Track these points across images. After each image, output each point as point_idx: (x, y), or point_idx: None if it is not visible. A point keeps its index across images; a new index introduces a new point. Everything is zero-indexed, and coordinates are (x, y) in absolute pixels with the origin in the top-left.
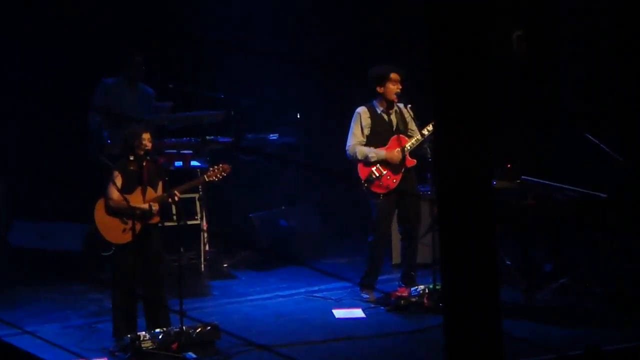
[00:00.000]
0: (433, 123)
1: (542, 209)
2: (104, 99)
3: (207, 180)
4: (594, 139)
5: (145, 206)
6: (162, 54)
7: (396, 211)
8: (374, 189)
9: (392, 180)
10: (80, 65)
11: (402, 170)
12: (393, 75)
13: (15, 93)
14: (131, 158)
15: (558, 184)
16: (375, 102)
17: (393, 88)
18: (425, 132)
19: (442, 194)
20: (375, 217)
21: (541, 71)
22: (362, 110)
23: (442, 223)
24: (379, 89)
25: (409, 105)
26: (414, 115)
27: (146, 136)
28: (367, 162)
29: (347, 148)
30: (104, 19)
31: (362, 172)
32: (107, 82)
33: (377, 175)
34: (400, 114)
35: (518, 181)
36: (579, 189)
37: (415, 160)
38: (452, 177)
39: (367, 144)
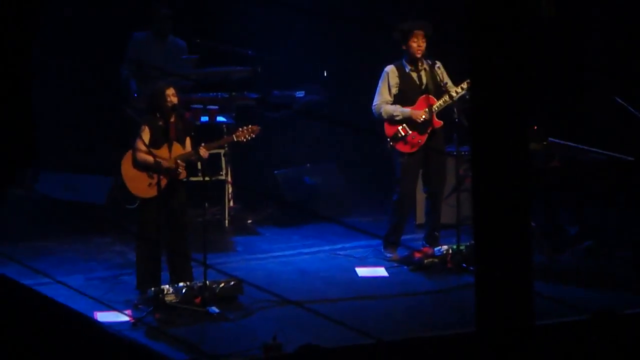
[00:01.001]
0: (462, 85)
1: (568, 171)
2: (135, 53)
3: (235, 140)
4: (622, 102)
5: (172, 164)
6: (190, 9)
7: (421, 170)
8: (399, 148)
9: (418, 140)
10: (110, 18)
11: (429, 130)
12: (415, 32)
13: (42, 45)
14: (157, 115)
15: (585, 147)
16: (404, 61)
17: (414, 45)
18: (454, 93)
19: (477, 154)
20: (400, 176)
21: (569, 32)
22: (390, 69)
23: (476, 182)
24: (403, 46)
25: (437, 64)
26: (445, 73)
27: (170, 92)
28: (393, 121)
29: (373, 107)
30: None
31: (388, 130)
32: (136, 36)
33: (403, 134)
34: (430, 72)
35: (545, 143)
36: (605, 152)
37: (442, 122)
38: (488, 137)
39: (395, 103)
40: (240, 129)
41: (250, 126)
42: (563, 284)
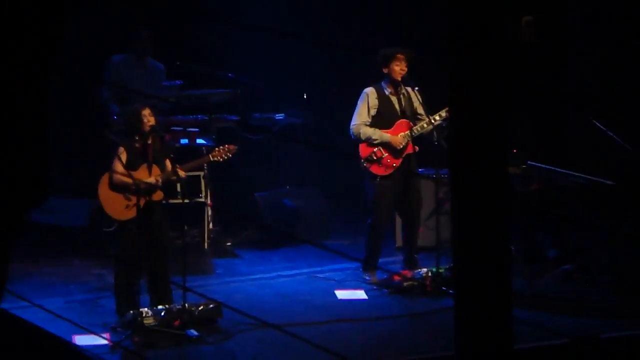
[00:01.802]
0: (445, 110)
1: (547, 194)
2: (114, 76)
3: (212, 159)
4: (600, 125)
5: (152, 180)
6: (170, 32)
7: (397, 196)
8: (373, 170)
9: (392, 164)
10: (89, 40)
11: (403, 155)
12: (397, 55)
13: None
14: (135, 136)
15: (564, 170)
16: (383, 84)
17: (397, 69)
18: (436, 117)
19: (456, 178)
20: (372, 199)
21: (549, 56)
22: (370, 90)
23: (456, 206)
24: (385, 69)
25: (416, 88)
26: (421, 99)
27: (146, 112)
28: (370, 143)
29: (351, 127)
30: None
31: (363, 151)
32: (115, 59)
33: (378, 157)
34: (408, 97)
35: (524, 166)
36: (584, 176)
37: (417, 147)
38: (467, 161)
39: (372, 125)
40: (217, 149)
41: (226, 145)
42: (542, 308)
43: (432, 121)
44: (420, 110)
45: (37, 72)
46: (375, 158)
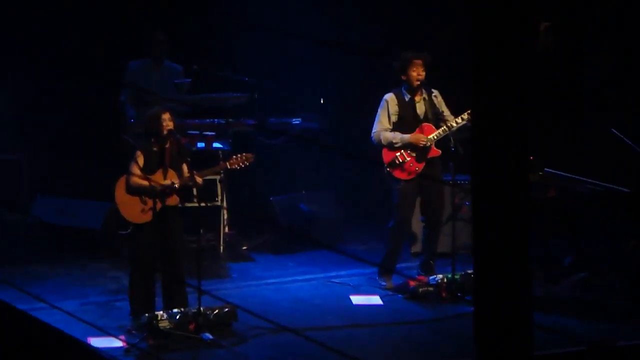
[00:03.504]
0: (462, 115)
1: (563, 202)
2: (130, 81)
3: (229, 167)
4: (619, 134)
5: (168, 182)
6: (187, 36)
7: (419, 199)
8: (396, 174)
9: (415, 168)
10: (110, 42)
11: (426, 158)
12: (415, 61)
13: (42, 69)
14: (153, 140)
15: (581, 177)
16: (403, 89)
17: (414, 74)
18: (454, 123)
19: (478, 183)
20: (396, 203)
21: (568, 63)
22: (389, 97)
23: (477, 212)
24: (403, 76)
25: (434, 93)
26: (442, 102)
27: (166, 116)
28: (392, 147)
29: (372, 134)
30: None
31: (386, 156)
32: (132, 65)
33: (401, 161)
34: (429, 102)
35: (540, 173)
36: (601, 183)
37: (440, 151)
38: (488, 167)
39: (393, 131)
40: (234, 157)
41: (243, 154)
42: (558, 314)
43: (453, 124)
44: (444, 109)
45: None
46: (398, 163)
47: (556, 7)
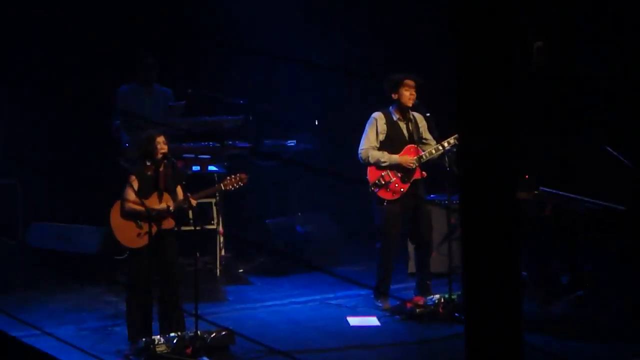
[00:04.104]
0: (454, 137)
1: (559, 220)
2: (122, 106)
3: (223, 188)
4: (612, 151)
5: (163, 205)
6: (181, 60)
7: (408, 223)
8: (380, 194)
9: (400, 189)
10: (102, 68)
11: (411, 180)
12: (407, 82)
13: (36, 96)
14: (148, 163)
15: (576, 196)
16: (391, 109)
17: (407, 94)
18: (445, 144)
19: (466, 204)
20: (380, 223)
21: (560, 82)
22: (378, 115)
23: (466, 233)
24: (394, 96)
25: (427, 114)
26: (432, 124)
27: (160, 139)
28: (379, 167)
29: (359, 151)
30: (124, 23)
31: (371, 175)
32: (122, 89)
33: (386, 180)
34: (415, 124)
35: (536, 192)
36: (597, 201)
37: (425, 173)
38: (477, 187)
39: (379, 150)
40: (228, 178)
41: (238, 175)
42: (555, 333)
43: (441, 147)
44: (427, 135)
45: None
46: (383, 182)
47: (549, 24)
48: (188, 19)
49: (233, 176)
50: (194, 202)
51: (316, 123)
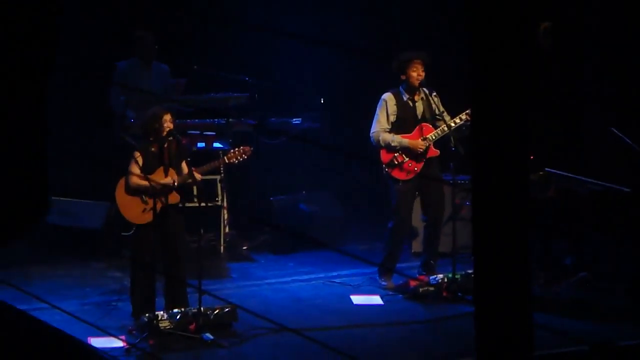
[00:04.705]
0: (461, 115)
1: (564, 201)
2: (122, 83)
3: (227, 162)
4: (618, 133)
5: (168, 180)
6: (187, 36)
7: (419, 199)
8: (395, 175)
9: (414, 168)
10: (106, 44)
11: (425, 159)
12: (415, 60)
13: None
14: (151, 140)
15: (581, 177)
16: (401, 89)
17: (414, 74)
18: (452, 123)
19: (478, 183)
20: (395, 203)
21: (566, 62)
22: (388, 97)
23: (476, 212)
24: (402, 76)
25: (434, 93)
26: (440, 102)
27: (167, 117)
28: (390, 148)
29: (371, 134)
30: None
31: (384, 157)
32: (120, 65)
33: (399, 161)
34: (427, 101)
35: (541, 173)
36: (602, 183)
37: (438, 151)
38: (488, 167)
39: (391, 131)
40: (232, 151)
41: (241, 147)
42: (558, 314)
43: (447, 127)
44: (441, 109)
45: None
46: (396, 163)
47: (555, 7)
48: None
49: (237, 149)
50: (198, 177)
51: (322, 101)
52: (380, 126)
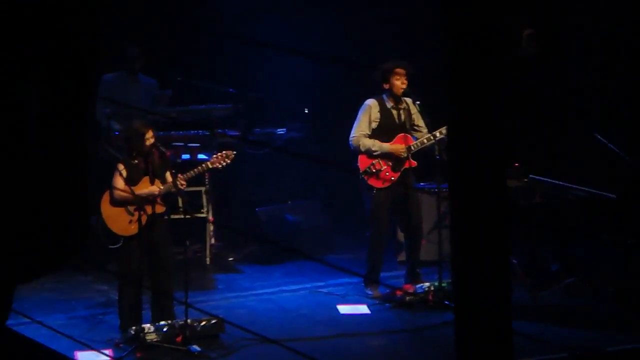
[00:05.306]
0: (442, 129)
1: (549, 208)
2: (107, 95)
3: (211, 166)
4: (602, 139)
5: (153, 189)
6: (171, 47)
7: (395, 207)
8: (371, 182)
9: (390, 177)
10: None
11: (402, 169)
12: (398, 70)
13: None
14: (134, 154)
15: (566, 184)
16: (385, 97)
17: (398, 83)
18: (437, 134)
19: (455, 192)
20: (370, 210)
21: (550, 70)
22: (372, 103)
23: (455, 221)
24: (385, 85)
25: (417, 102)
26: (422, 111)
27: (149, 135)
28: (370, 155)
29: (351, 138)
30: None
31: (362, 162)
32: (106, 78)
33: (377, 169)
34: (407, 110)
35: (525, 180)
36: (587, 189)
37: (415, 162)
38: (465, 175)
39: (372, 138)
40: (215, 156)
41: (224, 152)
42: (545, 321)
43: (432, 137)
44: (419, 122)
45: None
46: (373, 170)
47: (539, 13)
48: (179, 6)
49: (220, 153)
50: (183, 184)
51: (306, 111)
52: (361, 131)
